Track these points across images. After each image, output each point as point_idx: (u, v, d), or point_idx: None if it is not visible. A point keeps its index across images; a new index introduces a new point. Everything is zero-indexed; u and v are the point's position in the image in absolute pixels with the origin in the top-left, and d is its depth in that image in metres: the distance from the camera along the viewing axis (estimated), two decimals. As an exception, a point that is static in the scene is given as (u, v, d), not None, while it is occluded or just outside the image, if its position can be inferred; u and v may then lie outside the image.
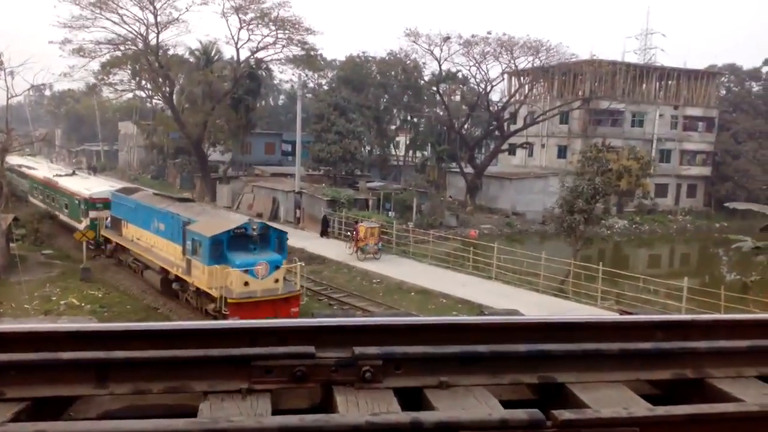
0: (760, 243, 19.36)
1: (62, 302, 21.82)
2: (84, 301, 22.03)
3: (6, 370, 1.90)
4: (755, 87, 63.01)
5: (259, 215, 38.36)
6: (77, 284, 24.35)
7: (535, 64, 49.52)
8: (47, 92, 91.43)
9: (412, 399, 2.06)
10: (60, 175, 36.49)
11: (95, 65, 44.72)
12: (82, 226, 28.28)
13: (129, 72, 49.14)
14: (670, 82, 55.92)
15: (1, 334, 2.09)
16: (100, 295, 23.09)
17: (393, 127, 60.50)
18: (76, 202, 30.02)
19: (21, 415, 1.81)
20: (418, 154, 60.29)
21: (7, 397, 1.87)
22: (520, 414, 1.67)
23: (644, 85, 55.11)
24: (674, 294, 21.62)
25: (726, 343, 2.39)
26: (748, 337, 2.46)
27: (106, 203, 27.70)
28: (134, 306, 21.79)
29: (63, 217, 32.46)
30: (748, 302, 19.21)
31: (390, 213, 39.12)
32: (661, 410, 1.79)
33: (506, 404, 2.01)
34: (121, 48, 44.40)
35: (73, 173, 39.40)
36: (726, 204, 34.78)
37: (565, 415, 1.68)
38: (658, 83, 56.03)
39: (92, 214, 28.59)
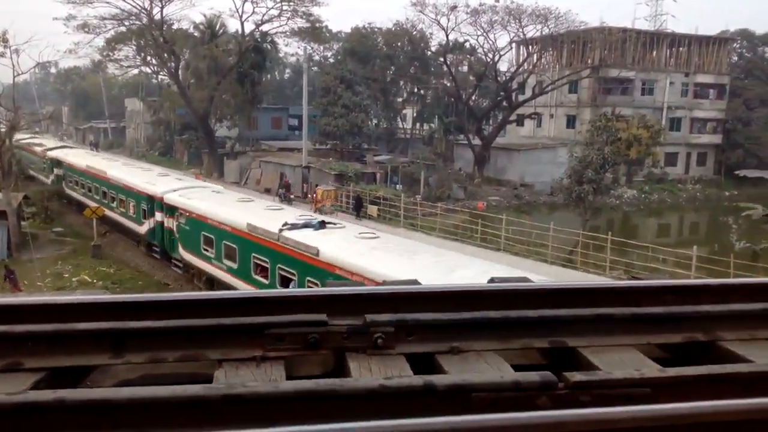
0: (771, 210, 19.23)
1: (74, 279, 22.07)
2: (96, 277, 22.28)
3: (23, 341, 1.93)
4: (768, 52, 61.97)
5: (267, 190, 38.46)
6: (89, 261, 24.61)
7: (543, 33, 48.88)
8: (53, 70, 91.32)
9: (423, 365, 2.08)
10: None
11: (100, 41, 44.63)
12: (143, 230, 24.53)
13: (134, 47, 49.03)
14: (681, 48, 55.07)
15: (18, 306, 2.12)
16: (111, 272, 23.34)
17: (400, 99, 60.06)
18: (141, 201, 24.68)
19: (40, 384, 1.84)
20: (426, 126, 59.92)
21: (25, 368, 1.90)
22: (532, 376, 1.69)
23: (655, 53, 54.31)
24: (683, 263, 21.57)
25: (738, 306, 2.39)
26: (761, 301, 2.45)
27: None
28: (146, 282, 22.02)
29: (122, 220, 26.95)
30: (758, 270, 19.15)
31: (397, 186, 39.09)
32: (673, 371, 1.79)
33: (517, 369, 2.02)
34: (126, 23, 44.17)
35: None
36: (737, 172, 34.49)
37: (577, 376, 1.69)
38: (668, 50, 55.19)
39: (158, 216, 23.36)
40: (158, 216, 22.34)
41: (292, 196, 35.62)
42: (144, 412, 1.51)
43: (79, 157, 36.78)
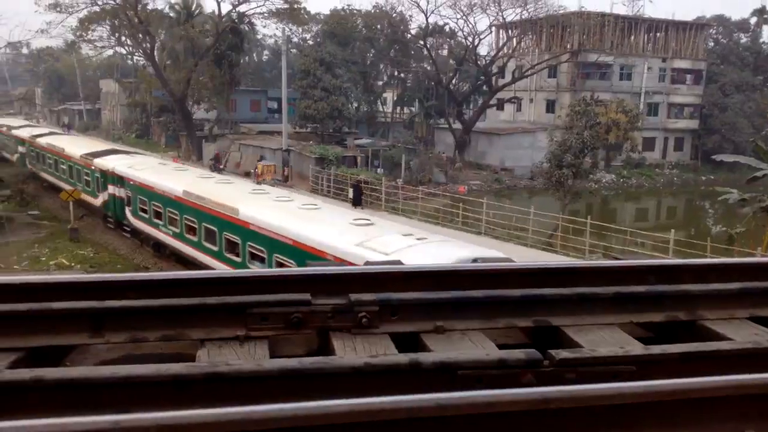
0: (746, 195, 19.53)
1: (52, 262, 21.74)
2: (74, 261, 21.97)
3: (-1, 321, 1.88)
4: (743, 38, 62.55)
5: (247, 174, 38.14)
6: (66, 244, 24.25)
7: (523, 17, 48.82)
8: (24, 50, 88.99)
9: (408, 344, 2.07)
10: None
11: (73, 21, 43.55)
12: None
13: (108, 28, 47.90)
14: (658, 34, 55.43)
15: (-7, 285, 2.07)
16: (90, 255, 23.03)
17: (380, 82, 59.72)
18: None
19: (17, 364, 1.80)
20: (406, 110, 59.73)
21: (1, 347, 1.86)
22: (517, 354, 1.69)
23: (633, 38, 54.60)
24: (661, 246, 21.89)
25: (718, 285, 2.42)
26: (739, 280, 2.48)
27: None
28: (125, 266, 21.78)
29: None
30: (734, 253, 19.48)
31: (379, 170, 39.01)
32: (657, 349, 1.81)
33: (501, 348, 2.03)
34: (99, 2, 43.12)
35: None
36: (713, 157, 34.91)
37: (562, 354, 1.70)
38: (646, 35, 55.52)
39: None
40: (110, 188, 24.47)
41: (221, 167, 38.48)
42: (125, 390, 1.48)
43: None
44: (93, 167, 26.06)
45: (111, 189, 24.29)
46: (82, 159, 27.63)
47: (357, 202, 29.34)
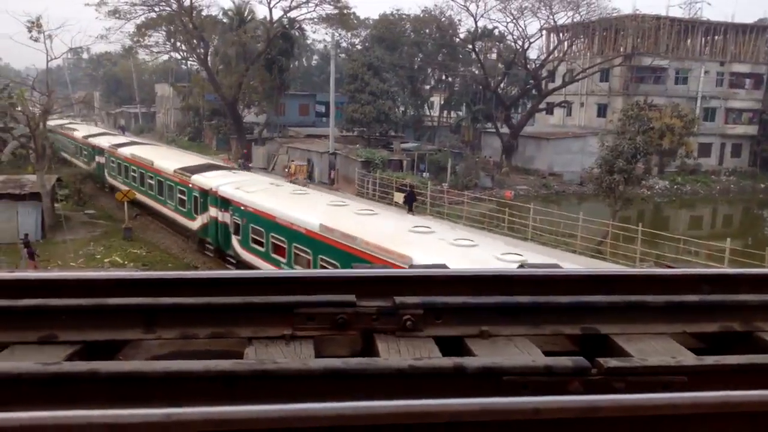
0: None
1: (106, 260, 22.51)
2: (127, 259, 22.69)
3: (58, 315, 1.96)
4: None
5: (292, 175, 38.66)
6: (120, 243, 25.06)
7: (574, 20, 48.06)
8: (85, 55, 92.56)
9: (452, 348, 2.07)
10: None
11: (131, 27, 45.07)
12: None
13: (164, 33, 49.43)
14: (716, 37, 53.69)
15: (53, 280, 2.16)
16: (142, 254, 23.74)
17: (427, 86, 59.69)
18: None
19: (74, 357, 1.87)
20: (453, 114, 59.48)
21: (59, 340, 1.93)
22: (564, 361, 1.66)
23: (689, 41, 53.05)
24: (716, 255, 21.16)
25: (776, 296, 2.32)
26: (800, 292, 2.38)
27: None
28: (175, 264, 22.36)
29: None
30: (794, 264, 18.70)
31: (424, 174, 38.96)
32: (710, 359, 1.75)
33: (547, 355, 2.00)
34: (156, 9, 44.56)
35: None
36: (773, 164, 33.59)
37: (611, 362, 1.66)
38: (703, 38, 53.87)
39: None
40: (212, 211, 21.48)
41: (250, 165, 40.22)
42: (176, 385, 1.52)
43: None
44: (190, 185, 22.88)
45: (213, 212, 21.05)
46: (177, 175, 24.37)
47: (410, 208, 29.20)
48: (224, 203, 20.28)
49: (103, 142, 36.22)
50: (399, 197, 31.79)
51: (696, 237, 26.31)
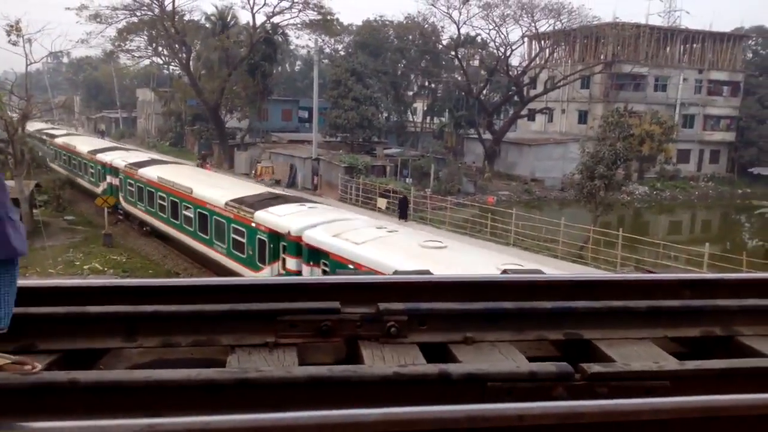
0: (785, 209, 19.03)
1: (86, 267, 22.22)
2: (107, 266, 22.42)
3: (37, 323, 1.93)
4: (784, 50, 61.20)
5: (277, 182, 38.52)
6: (100, 249, 24.76)
7: (556, 27, 48.50)
8: (65, 59, 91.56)
9: (437, 354, 2.06)
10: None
11: (112, 31, 44.67)
12: None
13: (145, 38, 49.05)
14: (694, 45, 54.51)
15: (32, 288, 2.12)
16: (122, 260, 23.47)
17: (410, 93, 59.88)
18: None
19: (52, 366, 1.84)
20: (436, 120, 59.71)
21: (39, 349, 1.90)
22: (548, 366, 1.67)
23: (668, 49, 53.80)
24: (695, 260, 21.43)
25: (756, 301, 2.36)
26: (777, 296, 2.41)
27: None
28: (156, 271, 22.13)
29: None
30: (771, 268, 18.98)
31: (407, 179, 39.02)
32: (692, 364, 1.77)
33: (531, 360, 2.00)
34: (138, 14, 44.20)
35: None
36: (750, 170, 34.06)
37: (594, 368, 1.67)
38: (682, 46, 54.66)
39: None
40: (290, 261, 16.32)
41: (208, 165, 40.74)
42: (158, 394, 1.50)
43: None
44: (253, 224, 17.60)
45: (290, 262, 15.99)
46: (232, 209, 18.86)
47: (403, 215, 28.56)
48: (315, 254, 15.05)
49: (117, 159, 30.10)
50: (382, 203, 31.81)
51: (675, 242, 26.64)
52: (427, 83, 58.80)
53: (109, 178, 30.60)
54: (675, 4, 63.98)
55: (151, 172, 25.36)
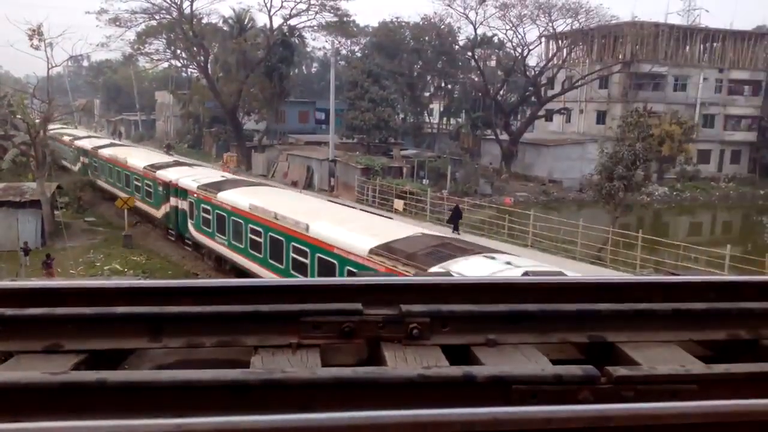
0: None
1: (106, 268, 22.48)
2: (127, 266, 22.66)
3: (63, 324, 1.95)
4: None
5: (294, 183, 38.67)
6: (120, 251, 25.03)
7: (573, 27, 48.23)
8: (85, 63, 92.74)
9: (459, 357, 2.06)
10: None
11: (131, 35, 45.23)
12: None
13: (164, 41, 49.59)
14: (715, 44, 53.86)
15: (58, 289, 2.15)
16: (142, 261, 23.70)
17: (427, 93, 59.84)
18: None
19: (80, 366, 1.86)
20: (453, 121, 59.62)
21: (65, 349, 1.93)
22: (573, 369, 1.65)
23: (688, 48, 53.21)
24: (716, 262, 21.15)
25: (783, 303, 2.32)
26: (806, 299, 2.37)
27: None
28: (175, 272, 22.33)
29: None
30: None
31: (424, 180, 39.00)
32: (720, 368, 1.74)
33: (554, 363, 1.99)
34: (156, 17, 44.72)
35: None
36: (772, 170, 33.58)
37: (620, 371, 1.65)
38: (702, 46, 54.03)
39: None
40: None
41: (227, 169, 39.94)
42: (184, 395, 1.51)
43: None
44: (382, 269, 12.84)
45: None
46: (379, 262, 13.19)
47: (455, 227, 25.80)
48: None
49: (184, 179, 24.44)
50: (399, 204, 31.80)
51: (696, 243, 26.31)
52: (443, 84, 58.72)
53: (173, 200, 25.06)
54: (695, 2, 63.38)
55: (237, 198, 20.17)
